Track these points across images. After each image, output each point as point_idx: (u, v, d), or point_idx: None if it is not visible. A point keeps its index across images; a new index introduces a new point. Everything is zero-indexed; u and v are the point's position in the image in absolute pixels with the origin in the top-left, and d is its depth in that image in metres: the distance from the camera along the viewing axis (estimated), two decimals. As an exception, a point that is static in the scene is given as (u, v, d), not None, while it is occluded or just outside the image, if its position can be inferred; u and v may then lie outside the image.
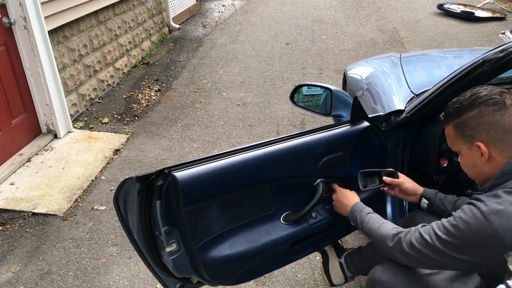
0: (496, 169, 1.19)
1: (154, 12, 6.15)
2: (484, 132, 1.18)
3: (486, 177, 1.23)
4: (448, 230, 1.16)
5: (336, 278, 1.89)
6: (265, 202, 1.53)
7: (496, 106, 1.16)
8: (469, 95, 1.22)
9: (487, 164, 1.21)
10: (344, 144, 1.64)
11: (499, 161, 1.18)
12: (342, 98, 1.99)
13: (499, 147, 1.17)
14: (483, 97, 1.19)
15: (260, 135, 3.91)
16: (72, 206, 2.99)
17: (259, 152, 1.44)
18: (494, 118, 1.16)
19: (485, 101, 1.18)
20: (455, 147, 1.29)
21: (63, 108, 3.78)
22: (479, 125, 1.19)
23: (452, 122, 1.26)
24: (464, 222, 1.13)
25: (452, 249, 1.16)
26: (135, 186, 1.30)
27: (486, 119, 1.17)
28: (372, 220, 1.43)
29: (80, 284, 2.39)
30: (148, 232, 1.39)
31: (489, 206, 1.10)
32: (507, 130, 1.16)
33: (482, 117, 1.18)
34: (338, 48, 6.20)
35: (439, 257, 1.19)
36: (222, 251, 1.42)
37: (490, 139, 1.18)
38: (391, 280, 1.39)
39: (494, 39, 6.46)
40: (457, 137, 1.26)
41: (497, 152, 1.18)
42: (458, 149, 1.28)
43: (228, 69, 5.47)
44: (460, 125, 1.23)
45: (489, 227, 1.09)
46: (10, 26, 3.33)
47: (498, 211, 1.09)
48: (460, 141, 1.25)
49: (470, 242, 1.12)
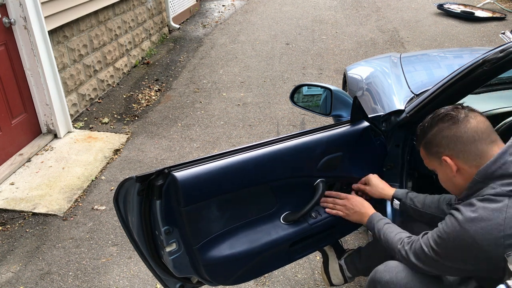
0: (469, 179, 1.24)
1: (154, 12, 6.16)
2: (446, 146, 1.26)
3: (461, 188, 1.29)
4: (436, 241, 1.25)
5: (335, 278, 1.90)
6: (265, 202, 1.53)
7: (451, 121, 1.25)
8: (430, 116, 1.33)
9: (459, 175, 1.27)
10: (344, 144, 1.64)
11: (468, 171, 1.24)
12: (342, 98, 1.99)
13: (462, 158, 1.24)
14: (440, 115, 1.29)
15: (260, 135, 3.91)
16: (72, 206, 2.99)
17: (259, 152, 1.44)
18: (451, 131, 1.25)
19: (442, 118, 1.28)
20: (430, 165, 1.37)
21: (63, 108, 3.78)
22: (441, 140, 1.27)
23: (421, 144, 1.36)
24: (446, 233, 1.21)
25: (443, 258, 1.24)
26: (135, 186, 1.30)
27: (445, 134, 1.26)
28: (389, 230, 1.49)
29: (80, 284, 2.39)
30: (148, 232, 1.39)
31: (464, 215, 1.17)
32: (465, 140, 1.23)
33: (441, 133, 1.27)
34: (338, 48, 6.20)
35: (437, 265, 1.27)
36: (222, 251, 1.42)
37: (454, 152, 1.25)
38: (392, 280, 1.39)
39: (494, 39, 6.46)
40: (427, 156, 1.35)
41: (463, 163, 1.24)
42: (433, 167, 1.36)
43: (228, 69, 5.47)
44: (427, 144, 1.33)
45: (466, 235, 1.15)
46: (10, 26, 3.33)
47: (472, 218, 1.15)
48: (431, 159, 1.34)
49: (454, 251, 1.20)
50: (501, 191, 1.14)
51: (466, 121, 1.24)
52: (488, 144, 1.22)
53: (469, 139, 1.22)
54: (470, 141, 1.22)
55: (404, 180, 1.86)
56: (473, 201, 1.19)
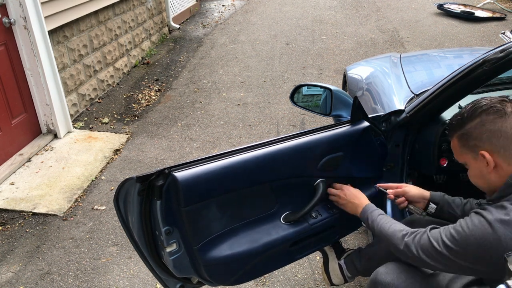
0: (504, 178, 1.19)
1: (154, 12, 6.16)
2: (487, 141, 1.19)
3: (494, 187, 1.24)
4: (453, 237, 1.18)
5: (335, 278, 1.90)
6: (265, 202, 1.53)
7: (496, 114, 1.18)
8: (470, 105, 1.24)
9: (494, 173, 1.21)
10: (344, 144, 1.64)
11: (505, 169, 1.19)
12: (342, 98, 1.99)
13: (503, 155, 1.18)
14: (483, 106, 1.20)
15: (260, 135, 3.91)
16: (72, 206, 2.99)
17: (259, 152, 1.44)
18: (496, 125, 1.17)
19: (486, 110, 1.19)
20: (461, 159, 1.30)
21: (63, 108, 3.78)
22: (482, 134, 1.19)
23: (455, 134, 1.28)
24: (469, 230, 1.15)
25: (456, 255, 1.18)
26: (135, 186, 1.30)
27: (488, 127, 1.18)
28: (383, 221, 1.44)
29: (80, 284, 2.39)
30: (148, 232, 1.38)
31: (494, 216, 1.12)
32: (510, 136, 1.16)
33: (483, 126, 1.19)
34: (338, 48, 6.20)
35: (444, 261, 1.21)
36: (222, 251, 1.42)
37: (494, 147, 1.18)
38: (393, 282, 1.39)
39: (494, 39, 6.46)
40: (461, 148, 1.27)
41: (502, 160, 1.18)
42: (464, 161, 1.29)
43: (228, 69, 5.47)
44: (464, 136, 1.25)
45: (493, 236, 1.11)
46: (10, 26, 3.33)
47: (504, 221, 1.11)
48: (465, 152, 1.26)
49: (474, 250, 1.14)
50: None
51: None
52: None
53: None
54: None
55: (404, 180, 1.86)
56: (506, 204, 1.14)
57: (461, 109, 1.27)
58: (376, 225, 1.45)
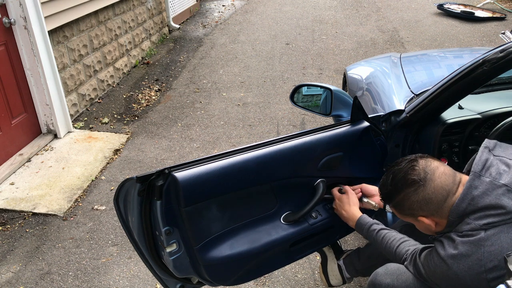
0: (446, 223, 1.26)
1: (154, 12, 6.15)
2: (419, 209, 1.24)
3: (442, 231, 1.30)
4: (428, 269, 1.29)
5: (334, 279, 1.89)
6: (265, 202, 1.53)
7: (415, 185, 1.22)
8: (390, 178, 1.28)
9: (438, 227, 1.28)
10: (344, 144, 1.64)
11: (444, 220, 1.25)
12: (342, 98, 1.99)
13: (438, 214, 1.23)
14: (401, 179, 1.25)
15: (260, 135, 3.91)
16: (72, 206, 2.99)
17: (259, 152, 1.44)
18: (419, 196, 1.22)
19: (405, 183, 1.24)
20: (405, 219, 1.35)
21: (63, 108, 3.78)
22: (412, 205, 1.25)
23: (390, 204, 1.33)
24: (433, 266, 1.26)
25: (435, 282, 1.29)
26: (135, 186, 1.30)
27: (414, 199, 1.23)
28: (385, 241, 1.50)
29: (80, 284, 2.39)
30: (149, 232, 1.38)
31: (446, 251, 1.21)
32: (435, 201, 1.21)
33: (409, 199, 1.24)
34: (338, 48, 6.20)
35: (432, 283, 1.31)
36: (223, 251, 1.42)
37: (428, 212, 1.24)
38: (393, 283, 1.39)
39: (494, 39, 6.46)
40: (400, 214, 1.33)
41: (439, 218, 1.24)
42: (408, 221, 1.35)
43: (228, 69, 5.47)
44: (397, 206, 1.30)
45: (450, 272, 1.20)
46: (10, 26, 3.33)
47: (454, 255, 1.19)
48: (406, 217, 1.32)
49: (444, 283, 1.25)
50: (475, 225, 1.16)
51: (430, 181, 1.21)
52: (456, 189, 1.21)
53: (438, 197, 1.21)
54: (440, 199, 1.21)
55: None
56: (453, 236, 1.21)
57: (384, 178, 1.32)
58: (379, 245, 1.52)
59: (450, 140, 1.88)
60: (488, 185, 1.17)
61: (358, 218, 1.58)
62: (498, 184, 1.16)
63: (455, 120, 1.87)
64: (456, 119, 1.88)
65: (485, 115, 1.90)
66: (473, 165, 1.22)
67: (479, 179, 1.19)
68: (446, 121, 1.85)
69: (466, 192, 1.18)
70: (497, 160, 1.23)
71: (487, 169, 1.20)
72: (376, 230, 1.53)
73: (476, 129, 1.90)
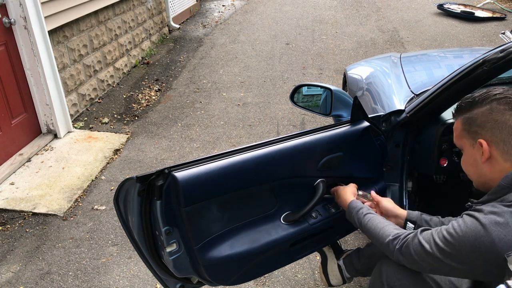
0: (495, 173, 1.17)
1: (154, 12, 6.15)
2: (489, 130, 1.16)
3: (484, 179, 1.22)
4: (446, 239, 1.16)
5: (334, 279, 1.89)
6: (265, 202, 1.53)
7: (507, 106, 1.14)
8: (483, 91, 1.20)
9: (487, 165, 1.19)
10: (344, 144, 1.64)
11: (500, 163, 1.16)
12: (342, 98, 1.99)
13: (501, 148, 1.15)
14: (497, 94, 1.17)
15: (260, 135, 3.91)
16: (72, 206, 2.99)
17: (259, 152, 1.44)
18: (503, 117, 1.15)
19: (498, 99, 1.16)
20: (459, 142, 1.27)
21: (63, 108, 3.78)
22: (486, 122, 1.17)
23: (461, 116, 1.25)
24: (463, 232, 1.13)
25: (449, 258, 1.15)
26: (135, 186, 1.30)
27: (495, 117, 1.15)
28: (371, 222, 1.42)
29: (80, 284, 2.39)
30: (148, 232, 1.38)
31: (488, 217, 1.10)
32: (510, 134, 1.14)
33: (491, 114, 1.16)
34: (338, 48, 6.20)
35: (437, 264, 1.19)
36: (223, 251, 1.42)
37: (494, 138, 1.16)
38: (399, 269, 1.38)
39: (494, 39, 6.46)
40: (462, 132, 1.25)
41: (498, 153, 1.16)
42: (461, 145, 1.27)
43: (228, 69, 5.47)
44: (468, 120, 1.22)
45: (487, 238, 1.08)
46: (10, 26, 3.33)
47: (497, 222, 1.08)
48: (465, 137, 1.24)
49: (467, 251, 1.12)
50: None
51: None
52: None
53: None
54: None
55: (404, 180, 1.86)
56: (498, 205, 1.12)
57: (474, 92, 1.24)
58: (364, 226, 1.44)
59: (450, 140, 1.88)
60: None
61: (350, 201, 1.54)
62: None
63: None
64: None
65: None
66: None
67: None
68: (446, 121, 1.85)
69: None
70: None
71: None
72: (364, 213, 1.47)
73: None
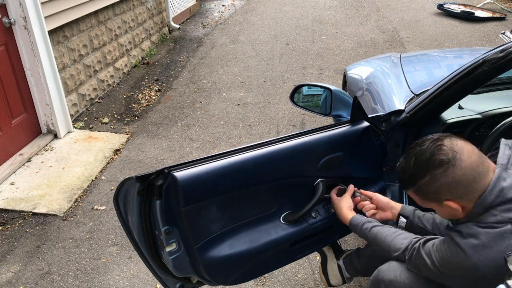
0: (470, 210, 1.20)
1: (154, 12, 6.16)
2: (447, 193, 1.17)
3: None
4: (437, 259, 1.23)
5: (334, 279, 1.89)
6: (265, 202, 1.53)
7: (441, 167, 1.14)
8: (413, 160, 1.19)
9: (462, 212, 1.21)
10: (344, 144, 1.64)
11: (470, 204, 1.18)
12: (342, 98, 1.99)
13: (466, 198, 1.16)
14: (427, 160, 1.16)
15: (260, 135, 3.91)
16: (72, 206, 2.99)
17: (259, 152, 1.44)
18: (448, 178, 1.14)
19: (431, 164, 1.15)
20: (425, 206, 1.28)
21: (63, 108, 3.78)
22: (439, 188, 1.17)
23: (410, 189, 1.25)
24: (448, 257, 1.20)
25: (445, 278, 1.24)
26: (135, 186, 1.30)
27: (442, 182, 1.15)
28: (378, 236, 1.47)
29: (80, 284, 2.39)
30: (148, 232, 1.39)
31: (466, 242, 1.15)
32: (465, 183, 1.14)
33: (437, 181, 1.15)
34: (338, 48, 6.20)
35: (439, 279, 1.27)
36: (222, 251, 1.42)
37: (455, 196, 1.16)
38: (396, 279, 1.39)
39: (494, 39, 6.46)
40: (423, 200, 1.25)
41: (466, 201, 1.17)
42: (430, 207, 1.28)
43: (228, 69, 5.47)
44: (420, 190, 1.22)
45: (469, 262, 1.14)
46: (10, 26, 3.33)
47: (475, 246, 1.14)
48: (428, 202, 1.25)
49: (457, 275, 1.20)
50: (503, 218, 1.12)
51: (459, 161, 1.13)
52: (485, 173, 1.15)
53: (469, 179, 1.13)
54: (471, 180, 1.14)
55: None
56: (474, 226, 1.16)
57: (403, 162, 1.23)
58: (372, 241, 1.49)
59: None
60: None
61: (350, 219, 1.56)
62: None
63: (455, 120, 1.87)
64: (456, 119, 1.88)
65: (485, 115, 1.90)
66: (498, 159, 1.18)
67: (506, 171, 1.15)
68: (446, 121, 1.85)
69: (495, 184, 1.13)
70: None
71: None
72: (368, 229, 1.50)
73: (476, 129, 1.90)
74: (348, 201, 1.62)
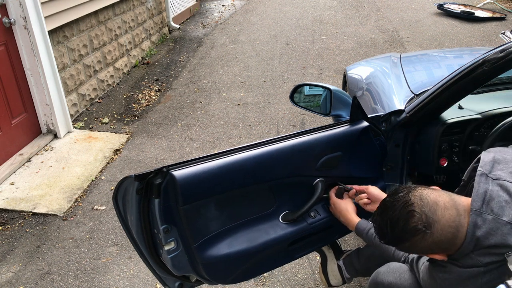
0: None
1: (154, 12, 6.16)
2: (429, 251, 1.17)
3: None
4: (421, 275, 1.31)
5: (334, 279, 1.89)
6: (264, 201, 1.53)
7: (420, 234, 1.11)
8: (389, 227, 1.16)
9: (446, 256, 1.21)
10: (343, 144, 1.64)
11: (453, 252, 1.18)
12: (342, 98, 1.99)
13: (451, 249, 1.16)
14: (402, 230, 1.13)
15: (260, 135, 3.91)
16: (72, 206, 2.99)
17: (258, 151, 1.44)
18: (428, 241, 1.12)
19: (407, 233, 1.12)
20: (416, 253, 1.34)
21: (63, 108, 3.78)
22: (421, 250, 1.17)
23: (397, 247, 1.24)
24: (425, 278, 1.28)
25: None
26: (134, 185, 1.30)
27: (422, 245, 1.14)
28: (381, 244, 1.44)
29: (80, 284, 2.39)
30: (147, 231, 1.39)
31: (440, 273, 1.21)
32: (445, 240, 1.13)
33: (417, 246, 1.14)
34: (338, 48, 6.19)
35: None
36: (221, 250, 1.42)
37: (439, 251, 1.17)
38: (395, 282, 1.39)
39: (494, 39, 6.46)
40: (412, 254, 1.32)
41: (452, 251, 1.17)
42: None
43: (228, 69, 5.47)
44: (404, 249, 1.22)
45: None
46: (10, 26, 3.34)
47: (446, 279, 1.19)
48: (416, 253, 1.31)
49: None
50: (478, 262, 1.13)
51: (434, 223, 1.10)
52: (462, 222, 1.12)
53: (448, 236, 1.12)
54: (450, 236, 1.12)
55: (404, 180, 1.86)
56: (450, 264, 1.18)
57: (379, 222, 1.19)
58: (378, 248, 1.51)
59: (450, 140, 1.88)
60: (491, 224, 1.10)
61: (356, 225, 1.55)
62: (502, 222, 1.10)
63: (455, 120, 1.87)
64: (456, 119, 1.88)
65: (485, 115, 1.90)
66: (472, 200, 1.14)
67: (480, 217, 1.11)
68: (446, 121, 1.85)
69: (471, 235, 1.11)
70: (497, 187, 1.15)
71: (488, 203, 1.12)
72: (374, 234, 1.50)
73: (476, 129, 1.90)
74: (352, 205, 1.62)
